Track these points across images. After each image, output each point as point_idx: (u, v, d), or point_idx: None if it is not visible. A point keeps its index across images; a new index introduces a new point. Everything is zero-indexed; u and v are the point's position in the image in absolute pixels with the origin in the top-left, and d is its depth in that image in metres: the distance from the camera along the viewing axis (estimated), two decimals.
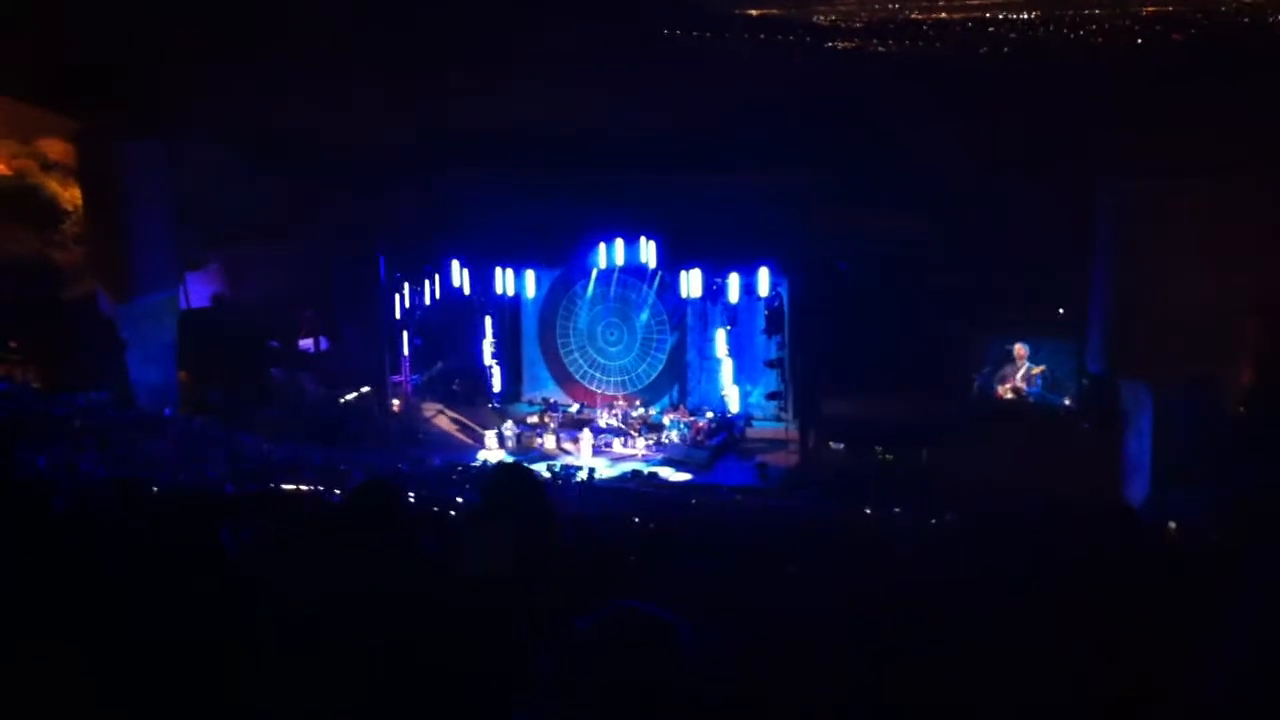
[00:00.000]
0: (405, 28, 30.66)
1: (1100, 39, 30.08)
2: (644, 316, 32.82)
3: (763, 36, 33.86)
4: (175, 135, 28.04)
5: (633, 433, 30.76)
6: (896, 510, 20.48)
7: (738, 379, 31.46)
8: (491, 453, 30.13)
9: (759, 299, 30.23)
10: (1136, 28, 30.64)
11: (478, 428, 32.17)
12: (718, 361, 31.65)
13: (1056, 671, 3.83)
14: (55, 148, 32.57)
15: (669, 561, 9.79)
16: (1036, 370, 28.73)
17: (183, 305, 30.28)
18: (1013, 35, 33.30)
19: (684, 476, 28.57)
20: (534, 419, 32.06)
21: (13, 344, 27.00)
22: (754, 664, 3.49)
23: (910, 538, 13.33)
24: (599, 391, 33.25)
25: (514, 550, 4.57)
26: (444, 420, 33.54)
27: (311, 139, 28.42)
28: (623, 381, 33.40)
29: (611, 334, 33.43)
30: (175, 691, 3.47)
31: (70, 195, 31.60)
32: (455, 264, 32.07)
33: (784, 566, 9.23)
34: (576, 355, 33.85)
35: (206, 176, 29.30)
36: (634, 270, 32.02)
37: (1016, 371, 28.98)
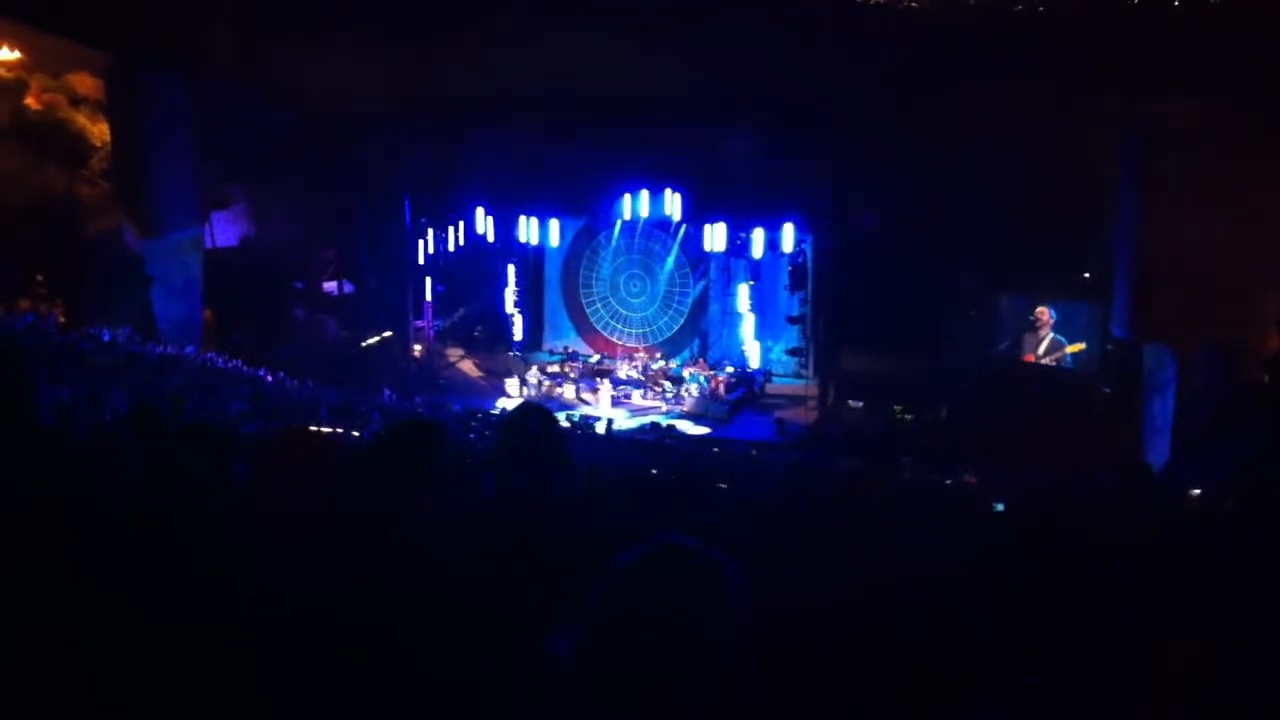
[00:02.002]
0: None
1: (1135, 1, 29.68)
2: (667, 269, 32.80)
3: None
4: (200, 69, 28.01)
5: (656, 387, 30.76)
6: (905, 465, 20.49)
7: (759, 334, 31.44)
8: (512, 400, 30.22)
9: (783, 254, 30.16)
10: None
11: (498, 375, 32.29)
12: (739, 316, 31.63)
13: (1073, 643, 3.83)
14: (84, 83, 32.60)
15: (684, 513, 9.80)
16: (1073, 349, 28.26)
17: (208, 244, 30.33)
18: None
19: (703, 430, 28.64)
20: (554, 368, 32.13)
21: (39, 278, 27.11)
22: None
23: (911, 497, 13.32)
24: (620, 343, 33.30)
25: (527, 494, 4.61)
26: (466, 366, 33.69)
27: (331, 86, 28.39)
28: (644, 333, 33.43)
29: (634, 285, 33.43)
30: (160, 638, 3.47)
31: (99, 130, 31.64)
32: (480, 211, 32.08)
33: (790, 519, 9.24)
34: (598, 306, 33.88)
35: (229, 113, 29.29)
36: (658, 222, 31.97)
37: (1039, 343, 28.56)
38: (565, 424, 26.26)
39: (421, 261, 32.70)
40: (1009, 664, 3.83)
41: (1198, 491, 13.90)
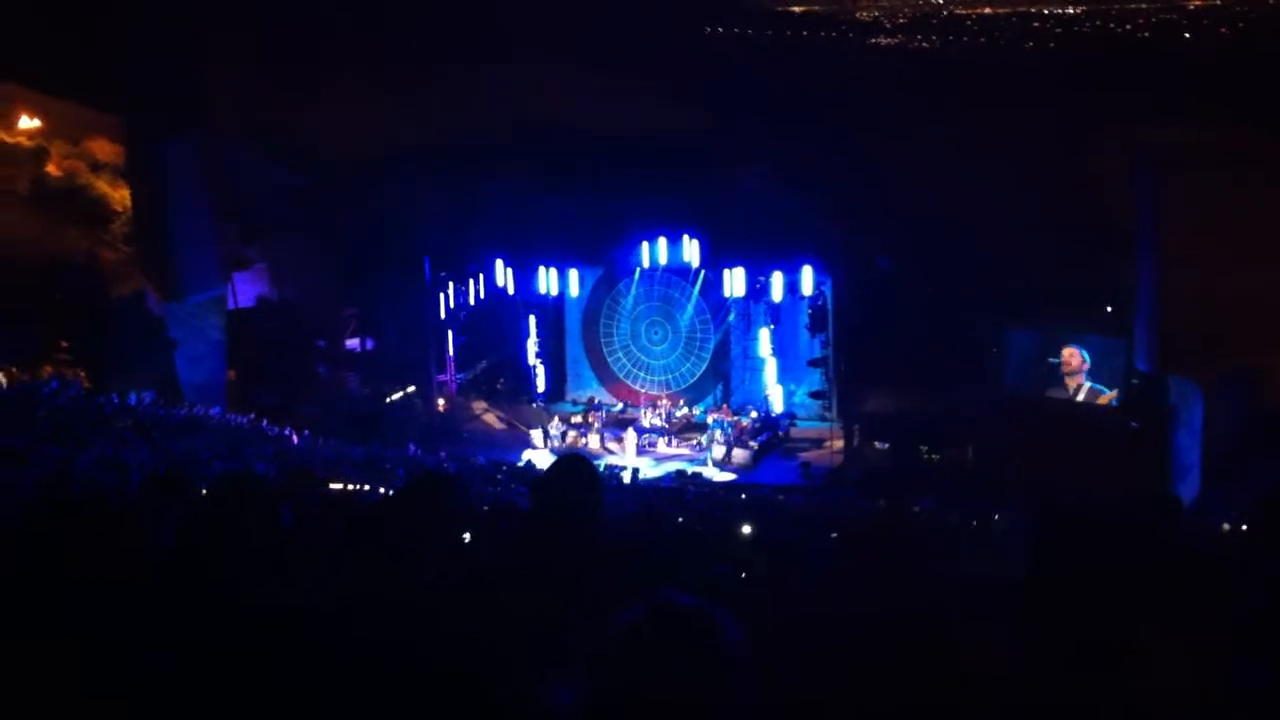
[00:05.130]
0: (442, 28, 30.88)
1: (1146, 33, 29.74)
2: (687, 315, 32.83)
3: (805, 34, 33.80)
4: (218, 132, 28.31)
5: (691, 439, 30.61)
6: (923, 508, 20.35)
7: (781, 378, 31.39)
8: (537, 452, 30.19)
9: (802, 297, 30.15)
10: (1184, 21, 30.40)
11: (522, 426, 32.30)
12: (761, 360, 31.60)
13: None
14: (104, 148, 32.90)
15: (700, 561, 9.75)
16: (1106, 398, 28.01)
17: (230, 305, 30.50)
18: (1058, 30, 33.15)
19: (728, 476, 28.54)
20: (578, 418, 32.12)
21: (62, 344, 27.26)
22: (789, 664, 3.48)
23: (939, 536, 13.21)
24: (643, 391, 33.27)
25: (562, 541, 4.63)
26: (489, 418, 33.71)
27: (344, 138, 28.70)
28: (666, 381, 33.42)
29: (655, 333, 33.45)
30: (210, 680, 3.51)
31: (119, 195, 31.89)
32: (499, 263, 32.23)
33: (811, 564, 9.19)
34: (620, 354, 33.90)
35: (247, 172, 29.58)
36: (677, 269, 32.05)
37: (1075, 393, 28.16)
38: None
39: (442, 315, 32.82)
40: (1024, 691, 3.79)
41: (1227, 526, 13.75)
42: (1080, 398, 28.04)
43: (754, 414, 31.03)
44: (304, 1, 30.88)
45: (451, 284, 32.69)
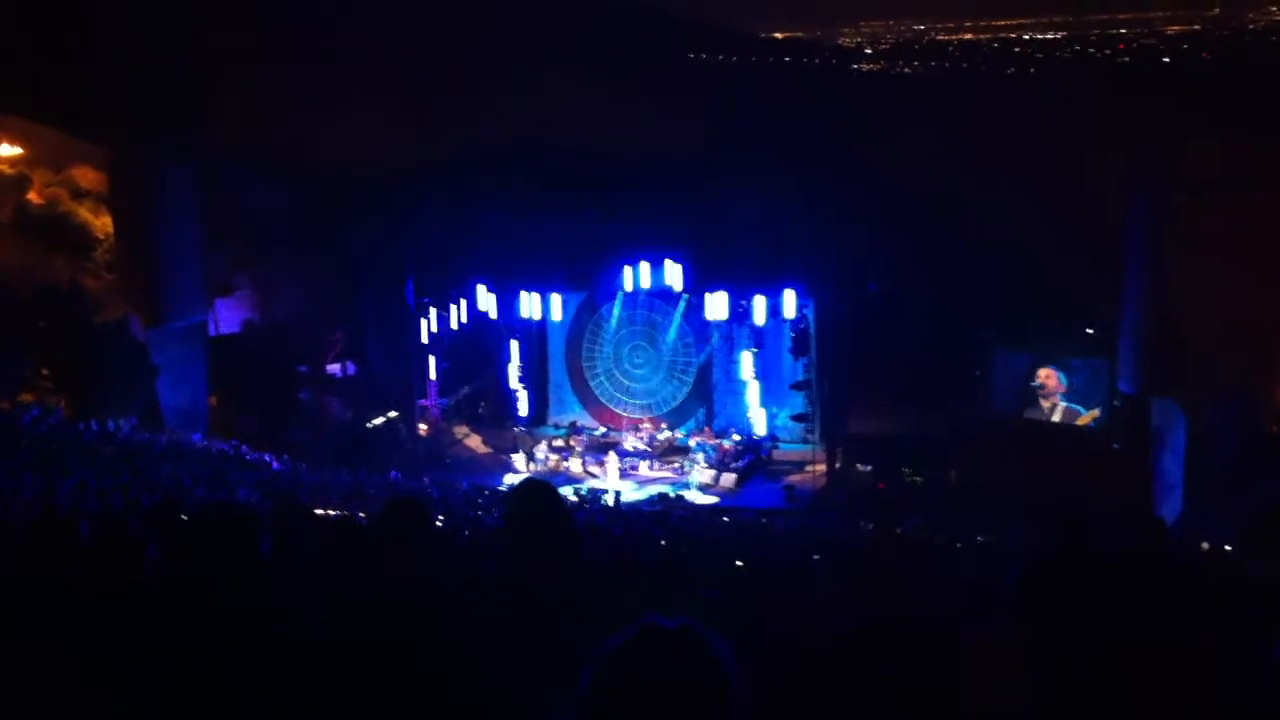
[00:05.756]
0: (430, 60, 31.00)
1: (1127, 58, 29.95)
2: (670, 339, 32.82)
3: (788, 59, 33.94)
4: (204, 157, 28.31)
5: (672, 462, 30.59)
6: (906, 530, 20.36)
7: (764, 401, 31.39)
8: (519, 476, 30.08)
9: (785, 321, 30.18)
10: (1163, 46, 30.65)
11: (505, 451, 32.22)
12: (744, 384, 31.60)
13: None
14: (86, 176, 32.88)
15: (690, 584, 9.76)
16: (1086, 418, 28.12)
17: (212, 331, 30.44)
18: (1039, 56, 33.34)
19: (711, 499, 28.51)
20: (560, 442, 32.06)
21: (44, 371, 27.15)
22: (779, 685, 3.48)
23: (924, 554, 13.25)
24: (625, 414, 33.23)
25: (536, 565, 4.63)
26: (472, 443, 33.63)
27: (335, 161, 28.68)
28: (649, 404, 33.38)
29: (637, 357, 33.43)
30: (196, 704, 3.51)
31: (101, 223, 31.86)
32: (481, 288, 32.20)
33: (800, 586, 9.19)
34: (602, 378, 33.86)
35: (233, 198, 29.57)
36: (660, 293, 32.05)
37: (1050, 413, 28.34)
38: (573, 498, 26.17)
39: (425, 340, 32.78)
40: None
41: (1206, 546, 13.84)
42: (1056, 418, 28.16)
43: (736, 437, 31.02)
44: (304, 14, 30.92)
45: (434, 309, 32.67)
